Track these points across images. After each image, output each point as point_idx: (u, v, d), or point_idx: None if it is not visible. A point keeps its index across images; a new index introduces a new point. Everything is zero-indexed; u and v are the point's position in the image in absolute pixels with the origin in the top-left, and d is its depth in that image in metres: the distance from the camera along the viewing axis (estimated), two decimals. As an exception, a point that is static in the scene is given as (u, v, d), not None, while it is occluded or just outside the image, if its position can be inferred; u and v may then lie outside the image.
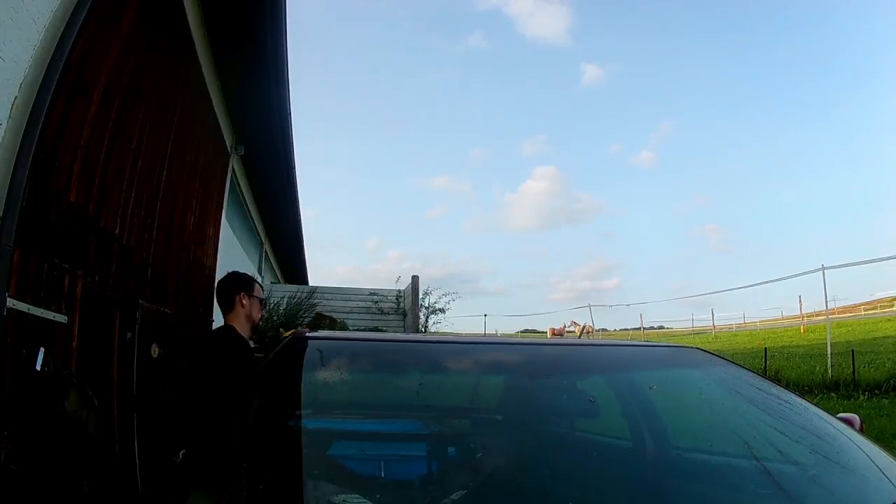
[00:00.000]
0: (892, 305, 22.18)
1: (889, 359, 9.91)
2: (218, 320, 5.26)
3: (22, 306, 1.71)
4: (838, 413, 1.41)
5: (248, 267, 7.86)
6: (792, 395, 1.39)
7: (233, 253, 6.25)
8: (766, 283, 25.49)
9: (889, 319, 18.95)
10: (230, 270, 2.59)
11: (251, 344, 2.40)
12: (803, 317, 20.75)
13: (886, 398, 7.69)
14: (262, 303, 2.45)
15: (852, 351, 9.32)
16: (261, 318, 2.48)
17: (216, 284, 2.50)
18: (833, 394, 8.30)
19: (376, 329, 7.77)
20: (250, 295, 2.34)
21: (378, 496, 1.09)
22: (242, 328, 2.31)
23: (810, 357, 11.32)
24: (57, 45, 1.84)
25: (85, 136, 2.16)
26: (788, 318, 23.89)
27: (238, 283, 2.42)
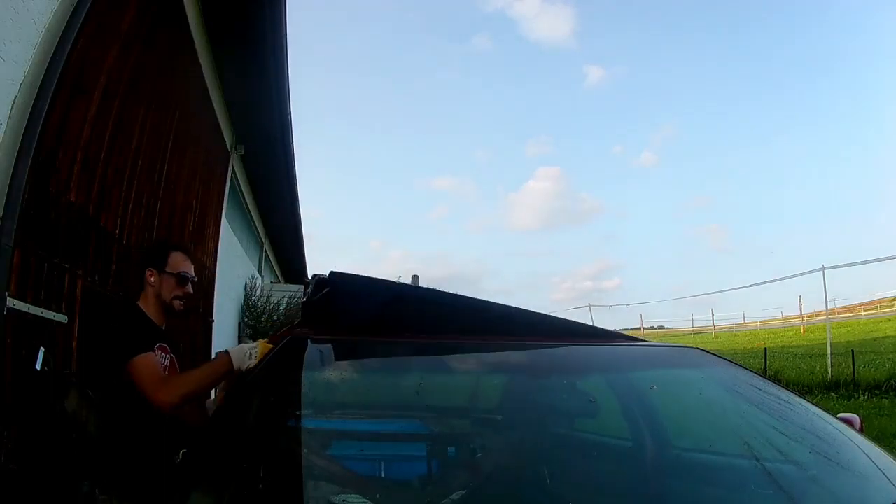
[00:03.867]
0: (892, 305, 22.15)
1: (889, 359, 9.92)
2: (219, 321, 5.31)
3: (22, 306, 1.71)
4: (838, 413, 1.41)
5: (249, 267, 7.86)
6: (792, 395, 1.39)
7: (233, 253, 6.25)
8: (767, 283, 25.52)
9: (889, 319, 18.93)
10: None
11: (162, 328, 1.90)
12: (803, 317, 20.73)
13: (886, 398, 7.70)
14: (183, 280, 1.90)
15: (852, 351, 9.32)
16: (181, 302, 1.92)
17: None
18: (833, 394, 8.31)
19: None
20: (161, 271, 1.88)
21: (378, 496, 1.09)
22: (152, 311, 1.88)
23: (810, 357, 11.33)
24: (57, 45, 1.84)
25: (85, 136, 2.16)
26: (788, 318, 23.84)
27: (146, 257, 1.99)
